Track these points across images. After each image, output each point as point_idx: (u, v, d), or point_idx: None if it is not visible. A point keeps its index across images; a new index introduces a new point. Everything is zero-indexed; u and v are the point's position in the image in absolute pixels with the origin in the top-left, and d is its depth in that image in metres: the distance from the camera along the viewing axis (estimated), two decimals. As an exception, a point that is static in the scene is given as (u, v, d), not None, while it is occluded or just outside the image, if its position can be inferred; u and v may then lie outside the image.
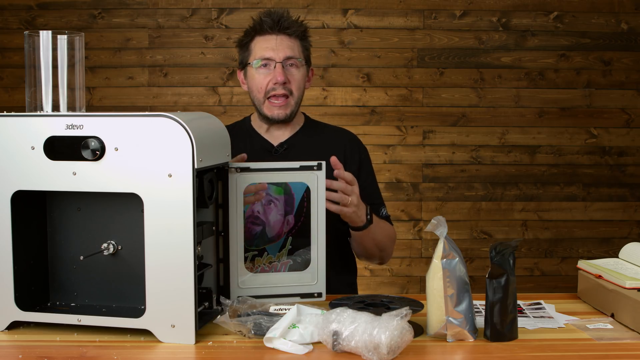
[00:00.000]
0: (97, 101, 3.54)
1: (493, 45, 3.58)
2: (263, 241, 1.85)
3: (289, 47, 1.86)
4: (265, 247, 1.84)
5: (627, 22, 3.59)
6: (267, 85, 1.85)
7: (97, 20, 3.53)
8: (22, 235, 1.36)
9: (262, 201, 1.85)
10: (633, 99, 3.62)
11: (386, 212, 1.95)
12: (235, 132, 2.00)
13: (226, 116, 3.52)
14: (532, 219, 3.63)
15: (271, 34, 1.86)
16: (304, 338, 1.25)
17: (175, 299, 1.27)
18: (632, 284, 1.41)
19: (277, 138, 1.93)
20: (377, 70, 3.57)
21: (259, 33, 1.88)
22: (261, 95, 1.87)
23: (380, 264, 1.95)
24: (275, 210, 1.84)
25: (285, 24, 1.85)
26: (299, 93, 1.89)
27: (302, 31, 1.89)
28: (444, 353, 1.25)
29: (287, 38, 1.86)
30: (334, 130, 2.03)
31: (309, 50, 1.94)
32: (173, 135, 1.25)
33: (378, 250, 1.88)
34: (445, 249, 1.29)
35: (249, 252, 1.84)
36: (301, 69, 1.88)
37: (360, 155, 1.97)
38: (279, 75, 1.83)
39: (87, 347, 1.26)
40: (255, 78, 1.87)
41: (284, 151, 1.89)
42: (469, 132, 3.60)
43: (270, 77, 1.85)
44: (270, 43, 1.85)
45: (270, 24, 1.85)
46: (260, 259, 1.82)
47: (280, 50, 1.85)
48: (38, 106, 1.35)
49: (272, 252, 1.83)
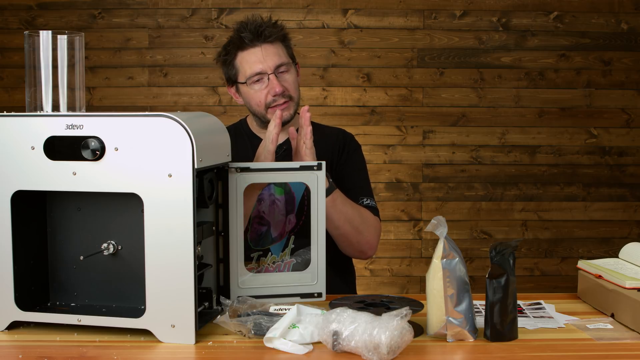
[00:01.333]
0: (97, 101, 3.54)
1: (493, 45, 3.58)
2: (267, 241, 1.85)
3: (275, 54, 1.82)
4: (270, 247, 1.84)
5: (627, 22, 3.59)
6: (265, 98, 1.83)
7: (97, 20, 3.53)
8: (22, 235, 1.36)
9: (267, 201, 1.85)
10: (633, 99, 3.62)
11: (371, 203, 1.88)
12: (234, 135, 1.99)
13: (226, 116, 3.53)
14: (532, 219, 3.63)
15: (254, 46, 1.82)
16: (304, 338, 1.25)
17: (175, 299, 1.27)
18: (632, 284, 1.41)
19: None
20: (377, 70, 3.57)
21: (240, 49, 1.84)
22: (262, 109, 1.85)
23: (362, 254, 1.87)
24: (277, 210, 1.85)
25: (265, 33, 1.81)
26: (297, 94, 1.88)
27: (283, 34, 1.86)
28: (444, 353, 1.25)
29: (271, 45, 1.82)
30: (330, 130, 2.03)
31: (291, 47, 1.91)
32: (173, 135, 1.25)
33: (352, 228, 1.79)
34: (445, 249, 1.29)
35: (255, 253, 1.84)
36: (292, 70, 1.87)
37: (347, 148, 1.95)
38: (276, 86, 1.80)
39: (87, 347, 1.26)
40: (251, 94, 1.85)
41: (283, 152, 1.88)
42: (469, 132, 3.60)
43: (266, 90, 1.82)
44: (257, 56, 1.82)
45: (250, 37, 1.81)
46: (265, 259, 1.82)
47: (268, 60, 1.81)
48: (38, 106, 1.35)
49: (275, 252, 1.83)
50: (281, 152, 1.88)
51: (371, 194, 1.92)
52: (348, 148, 1.96)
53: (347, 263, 2.00)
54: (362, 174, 1.96)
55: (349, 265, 2.01)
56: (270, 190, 1.85)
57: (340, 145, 1.96)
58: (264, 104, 1.83)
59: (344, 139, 1.99)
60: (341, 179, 1.89)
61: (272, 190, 1.86)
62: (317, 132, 1.99)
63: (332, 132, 2.02)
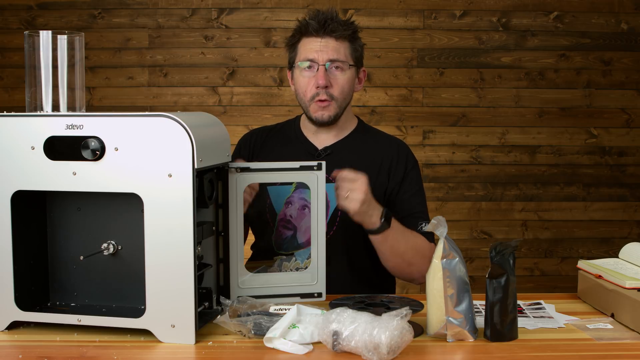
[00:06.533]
0: (97, 101, 3.54)
1: (493, 45, 3.58)
2: (292, 246, 1.81)
3: (334, 49, 1.79)
4: (294, 252, 1.82)
5: (627, 22, 3.59)
6: (310, 89, 1.80)
7: (97, 20, 3.53)
8: (22, 235, 1.36)
9: (297, 205, 1.82)
10: (633, 99, 3.62)
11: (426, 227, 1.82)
12: (283, 132, 1.95)
13: (226, 116, 3.53)
14: (532, 219, 3.63)
15: (316, 36, 1.80)
16: (304, 338, 1.25)
17: (175, 299, 1.27)
18: (632, 284, 1.41)
19: (323, 142, 1.87)
20: (377, 70, 3.57)
21: (304, 34, 1.82)
22: (307, 99, 1.81)
23: (411, 281, 1.79)
24: (308, 216, 1.77)
25: (331, 27, 1.78)
26: (343, 97, 1.81)
27: (350, 33, 1.82)
28: (444, 353, 1.25)
29: (334, 40, 1.79)
30: (383, 138, 1.94)
31: (360, 51, 1.86)
32: (173, 135, 1.25)
33: (402, 261, 1.74)
34: (445, 249, 1.29)
35: (277, 257, 1.81)
36: (347, 71, 1.81)
37: (406, 166, 1.86)
38: (321, 78, 1.77)
39: (87, 347, 1.26)
40: (300, 80, 1.82)
41: (326, 156, 1.83)
42: (469, 132, 3.60)
43: (313, 80, 1.79)
44: (315, 45, 1.79)
45: (315, 26, 1.79)
46: (288, 264, 1.79)
47: (324, 52, 1.78)
48: (38, 106, 1.35)
49: (300, 259, 1.80)
50: (324, 156, 1.84)
51: (427, 217, 1.82)
52: (406, 165, 1.86)
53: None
54: (420, 194, 1.86)
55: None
56: (301, 194, 1.80)
57: (395, 159, 1.86)
58: (309, 95, 1.80)
59: (400, 153, 1.88)
60: (397, 202, 1.82)
61: (304, 194, 1.80)
62: (371, 139, 1.91)
63: (386, 141, 1.92)
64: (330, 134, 1.88)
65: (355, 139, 1.89)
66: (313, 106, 1.81)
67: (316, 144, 1.88)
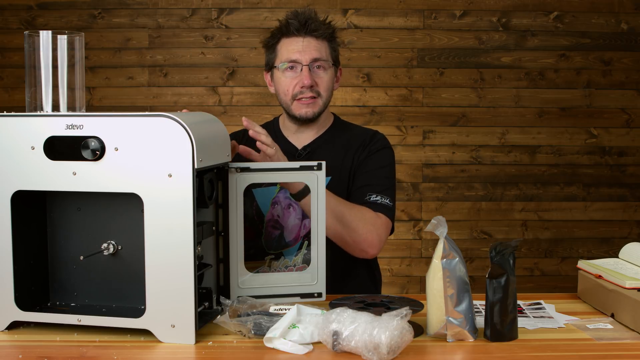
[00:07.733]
0: (97, 101, 3.54)
1: (493, 45, 3.58)
2: (280, 245, 1.83)
3: (316, 49, 1.82)
4: (283, 251, 1.83)
5: (627, 22, 3.59)
6: (293, 89, 1.82)
7: (97, 20, 3.53)
8: (22, 235, 1.36)
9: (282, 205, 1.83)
10: (633, 99, 3.62)
11: (379, 200, 1.80)
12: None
13: (226, 116, 3.53)
14: (532, 219, 3.63)
15: (297, 36, 1.83)
16: (304, 338, 1.25)
17: (175, 299, 1.27)
18: (632, 284, 1.41)
19: (303, 141, 1.90)
20: (377, 70, 3.57)
21: (285, 35, 1.84)
22: (288, 98, 1.84)
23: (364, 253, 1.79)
24: (293, 214, 1.82)
25: (312, 26, 1.82)
26: (327, 94, 1.86)
27: (330, 33, 1.86)
28: (444, 353, 1.25)
29: (315, 40, 1.83)
30: (360, 131, 1.97)
31: (337, 50, 1.91)
32: (173, 135, 1.25)
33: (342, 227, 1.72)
34: (445, 249, 1.29)
35: (267, 257, 1.83)
36: (328, 70, 1.85)
37: (371, 148, 1.89)
38: (306, 78, 1.80)
39: (87, 347, 1.26)
40: (282, 81, 1.84)
41: (306, 154, 1.87)
42: (469, 132, 3.60)
43: (296, 81, 1.82)
44: (297, 45, 1.82)
45: (296, 26, 1.82)
46: (277, 263, 1.80)
47: (306, 52, 1.81)
48: (38, 106, 1.35)
49: (288, 257, 1.81)
50: (304, 155, 1.87)
51: (384, 192, 1.82)
52: (370, 148, 1.90)
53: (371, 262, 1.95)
54: (378, 172, 1.87)
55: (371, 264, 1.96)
56: (286, 193, 1.81)
57: (363, 144, 1.91)
58: (291, 94, 1.83)
59: (369, 139, 1.92)
60: (355, 178, 1.86)
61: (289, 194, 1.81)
62: (347, 133, 1.96)
63: (361, 132, 1.96)
64: (310, 132, 1.91)
65: (333, 135, 1.93)
66: (295, 104, 1.84)
67: (296, 143, 1.91)
